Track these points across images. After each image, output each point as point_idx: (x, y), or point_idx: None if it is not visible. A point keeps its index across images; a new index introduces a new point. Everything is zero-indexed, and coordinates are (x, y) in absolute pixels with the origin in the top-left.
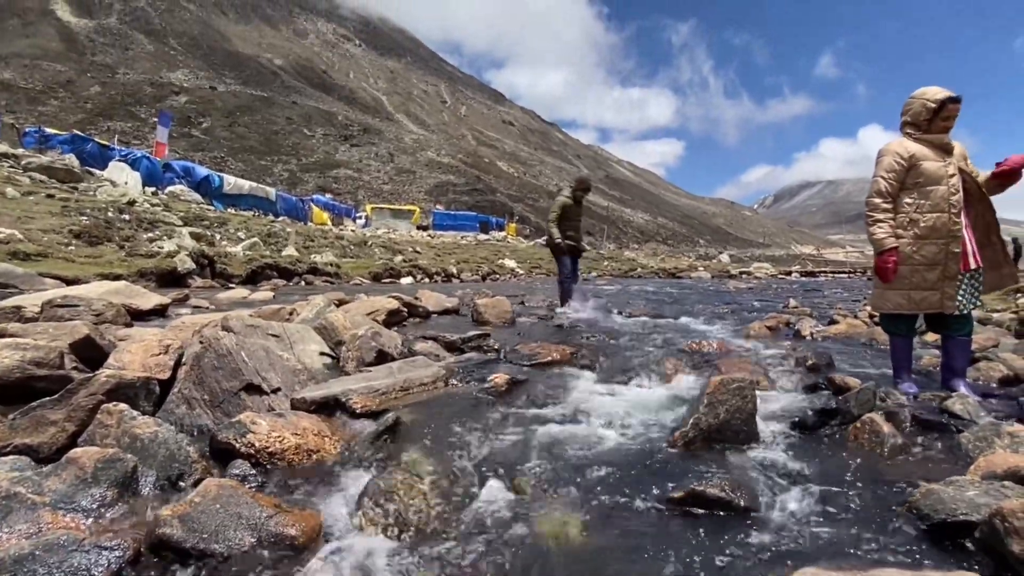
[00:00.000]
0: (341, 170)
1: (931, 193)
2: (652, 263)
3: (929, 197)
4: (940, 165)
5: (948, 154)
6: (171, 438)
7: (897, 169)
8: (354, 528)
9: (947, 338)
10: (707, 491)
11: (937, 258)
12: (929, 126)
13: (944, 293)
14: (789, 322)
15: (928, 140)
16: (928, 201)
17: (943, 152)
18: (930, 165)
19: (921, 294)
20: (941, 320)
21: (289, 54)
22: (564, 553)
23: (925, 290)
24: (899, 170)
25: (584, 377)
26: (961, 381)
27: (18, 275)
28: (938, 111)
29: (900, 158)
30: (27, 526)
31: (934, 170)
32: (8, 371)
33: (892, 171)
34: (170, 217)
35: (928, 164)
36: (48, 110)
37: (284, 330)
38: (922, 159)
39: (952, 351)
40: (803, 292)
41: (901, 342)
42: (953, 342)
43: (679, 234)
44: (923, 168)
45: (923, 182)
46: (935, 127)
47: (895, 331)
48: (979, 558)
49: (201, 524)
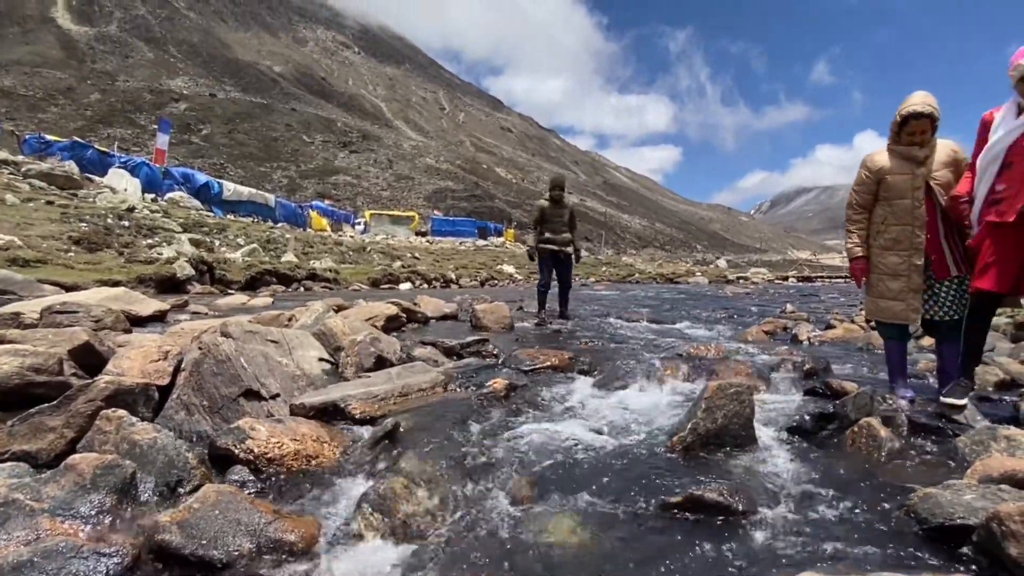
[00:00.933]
0: (340, 176)
1: (895, 205)
2: (650, 268)
3: (894, 209)
4: (907, 178)
5: (919, 165)
6: (170, 444)
7: (866, 182)
8: (353, 534)
9: (940, 343)
10: (705, 496)
11: (899, 269)
12: (898, 138)
13: (908, 304)
14: (786, 327)
15: (898, 152)
16: (892, 213)
17: (913, 163)
18: (895, 179)
19: (886, 303)
20: (935, 325)
21: (288, 61)
22: (564, 559)
23: (890, 299)
24: (868, 183)
25: (583, 382)
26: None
27: (17, 281)
28: (902, 125)
29: (868, 172)
30: (25, 532)
31: (899, 183)
32: (7, 377)
33: (862, 184)
34: (169, 224)
35: (893, 178)
36: (48, 117)
37: (283, 336)
38: (889, 172)
39: (947, 355)
40: (800, 297)
41: (893, 346)
42: (946, 346)
43: (676, 239)
44: (889, 182)
45: (889, 196)
46: (903, 139)
47: (885, 335)
48: (976, 562)
49: (200, 530)
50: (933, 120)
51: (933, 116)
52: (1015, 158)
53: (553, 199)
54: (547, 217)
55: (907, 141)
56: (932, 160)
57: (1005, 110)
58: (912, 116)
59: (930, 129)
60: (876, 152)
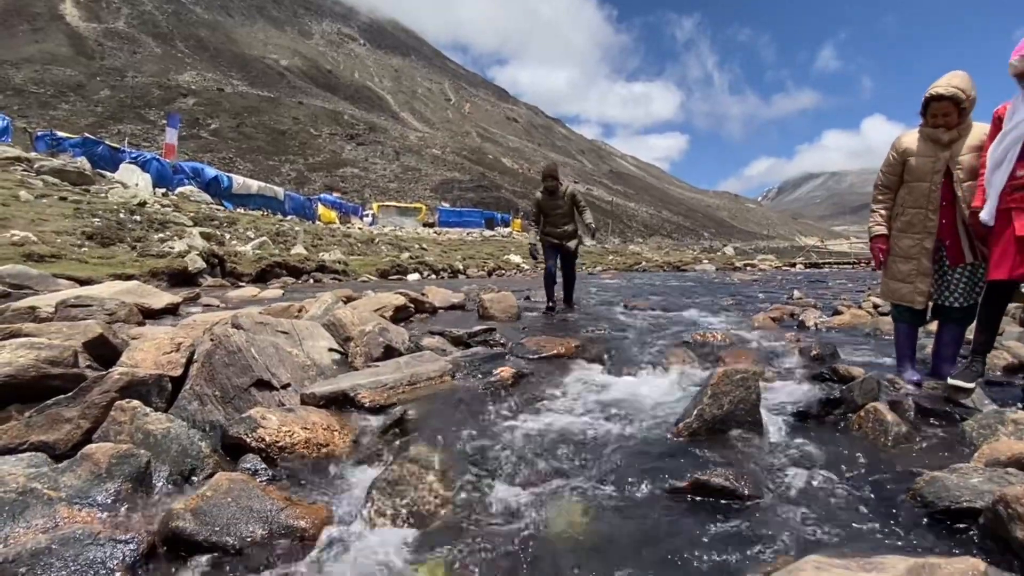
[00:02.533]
0: (347, 169)
1: (914, 189)
2: (657, 257)
3: (912, 191)
4: (928, 160)
5: (944, 148)
6: (183, 434)
7: (892, 163)
8: (363, 520)
9: (941, 325)
10: (711, 480)
11: (911, 252)
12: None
13: (915, 287)
14: (793, 313)
15: (925, 133)
16: (911, 196)
17: (937, 146)
18: (917, 161)
19: (896, 284)
20: (944, 310)
21: (295, 54)
22: (572, 543)
23: (899, 281)
24: (893, 164)
25: (589, 369)
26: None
27: (32, 276)
28: (925, 107)
29: (895, 153)
30: (44, 520)
31: (920, 166)
32: (24, 370)
33: (888, 165)
34: (180, 218)
35: (916, 160)
36: (59, 114)
37: (293, 327)
38: (912, 155)
39: (942, 337)
40: (807, 283)
41: (902, 328)
42: (947, 330)
43: (683, 227)
44: (911, 164)
45: (910, 178)
46: (928, 122)
47: (896, 317)
48: (983, 544)
49: (213, 517)
50: (957, 102)
51: (957, 98)
52: None
53: (548, 190)
54: (545, 211)
55: (932, 123)
56: (961, 144)
57: (1016, 102)
58: (933, 99)
59: (955, 112)
60: (906, 133)
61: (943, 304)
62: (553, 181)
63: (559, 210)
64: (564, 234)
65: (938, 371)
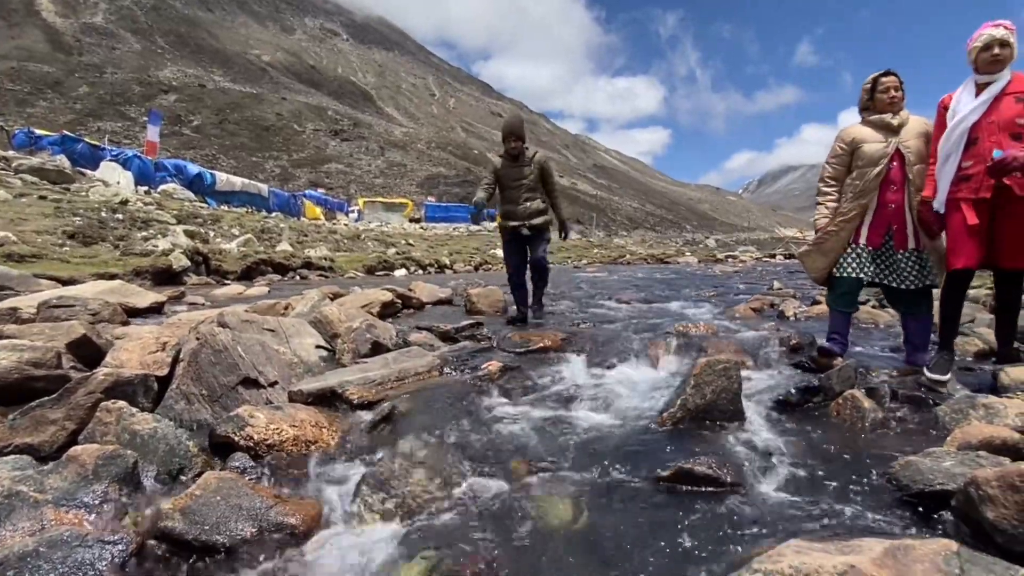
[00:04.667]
0: (332, 164)
1: (865, 174)
2: (641, 250)
3: (863, 179)
4: (879, 146)
5: (893, 133)
6: (170, 433)
7: (840, 154)
8: (353, 515)
9: (904, 315)
10: (695, 469)
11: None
12: (871, 106)
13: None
14: (773, 303)
15: (872, 121)
16: (860, 183)
17: (887, 132)
18: (869, 147)
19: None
20: (896, 296)
21: (277, 49)
22: (559, 533)
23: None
24: (842, 155)
25: (575, 362)
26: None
27: (13, 277)
28: (873, 89)
29: (843, 143)
30: (30, 523)
31: (871, 152)
32: (6, 372)
33: (835, 156)
34: (164, 216)
35: (867, 146)
36: (37, 112)
37: (279, 324)
38: (862, 141)
39: (909, 327)
40: (787, 274)
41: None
42: (911, 320)
43: (666, 220)
44: (863, 151)
45: (861, 164)
46: (878, 105)
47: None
48: (956, 525)
49: (202, 516)
50: (899, 79)
51: (898, 75)
52: (980, 133)
53: (509, 154)
54: (503, 182)
55: (883, 103)
56: (907, 130)
57: (962, 90)
58: (881, 75)
59: (900, 86)
60: (851, 126)
61: (898, 287)
62: (517, 142)
63: (522, 180)
64: (528, 212)
65: (912, 359)
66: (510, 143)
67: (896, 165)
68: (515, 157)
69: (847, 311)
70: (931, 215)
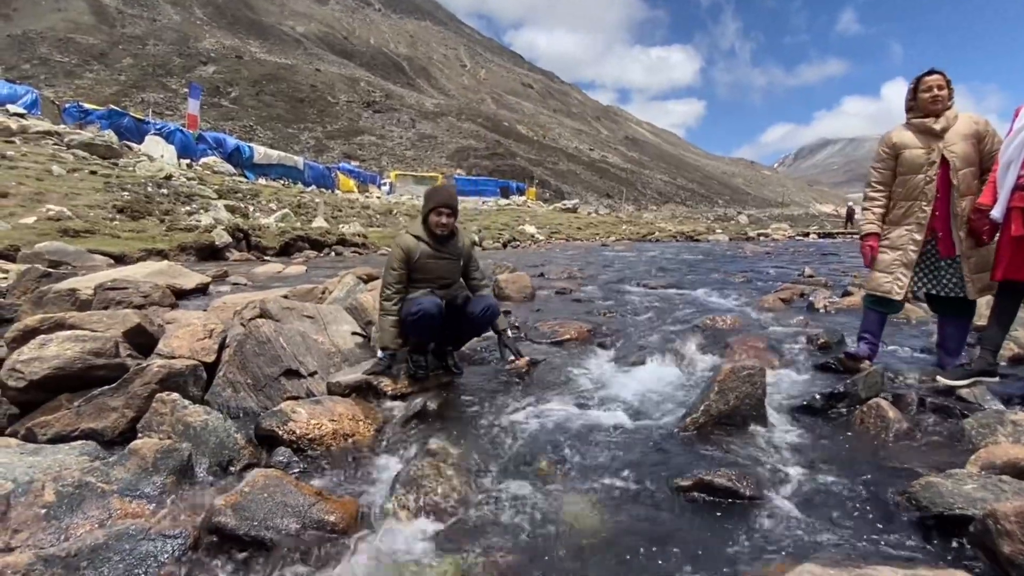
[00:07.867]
0: (365, 136)
1: (908, 181)
2: (670, 226)
3: (906, 185)
4: (921, 153)
5: (937, 138)
6: (220, 426)
7: (884, 158)
8: (388, 513)
9: (941, 318)
10: (715, 480)
11: (898, 242)
12: (914, 109)
13: (896, 279)
14: (803, 292)
15: (915, 125)
16: (904, 189)
17: (930, 137)
18: (910, 154)
19: (877, 275)
20: (936, 300)
21: (311, 20)
22: (581, 536)
23: (881, 272)
24: (885, 159)
25: (601, 357)
26: (954, 362)
27: (69, 252)
28: (915, 91)
29: (886, 148)
30: (99, 512)
31: (913, 159)
32: (71, 362)
33: (880, 160)
34: (205, 191)
35: (909, 152)
36: (84, 83)
37: (318, 312)
38: (904, 147)
39: (945, 331)
40: (819, 256)
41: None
42: (948, 323)
43: (698, 195)
44: (905, 157)
45: (904, 171)
46: (921, 107)
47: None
48: (972, 554)
49: (252, 513)
50: (946, 77)
51: (944, 73)
52: None
53: (433, 234)
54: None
55: (925, 104)
56: (953, 133)
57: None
58: (924, 74)
59: (946, 85)
60: (895, 129)
61: (938, 295)
62: (450, 217)
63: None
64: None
65: (943, 364)
66: (439, 217)
67: (940, 172)
68: (442, 241)
69: (883, 311)
70: (984, 222)
